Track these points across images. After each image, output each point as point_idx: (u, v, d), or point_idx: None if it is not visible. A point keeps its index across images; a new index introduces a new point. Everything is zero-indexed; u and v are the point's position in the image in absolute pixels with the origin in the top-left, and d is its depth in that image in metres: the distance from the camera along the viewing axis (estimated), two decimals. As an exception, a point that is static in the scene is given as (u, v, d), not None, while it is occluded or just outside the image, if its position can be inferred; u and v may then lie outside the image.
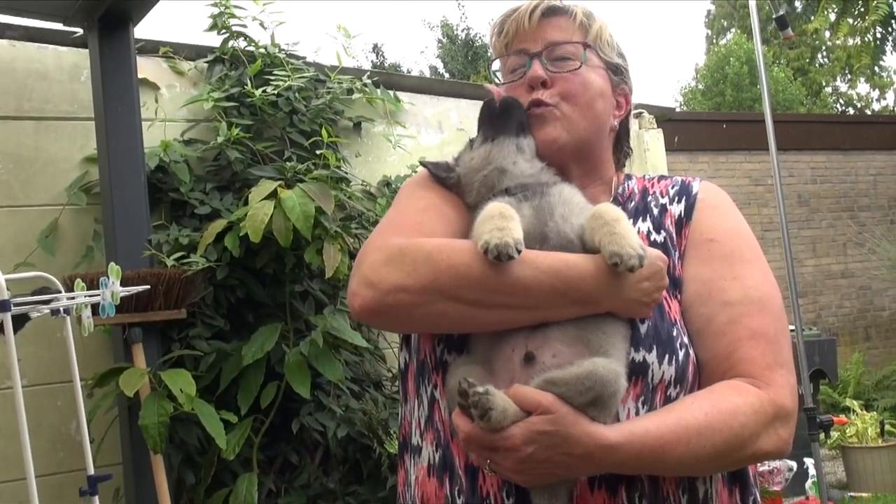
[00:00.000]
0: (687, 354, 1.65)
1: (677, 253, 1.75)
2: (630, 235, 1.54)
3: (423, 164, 1.86)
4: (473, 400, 1.43)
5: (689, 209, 1.81)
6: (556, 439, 1.44)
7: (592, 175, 1.84)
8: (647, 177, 1.93)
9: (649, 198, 1.84)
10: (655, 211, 1.81)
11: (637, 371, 1.58)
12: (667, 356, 1.62)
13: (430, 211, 1.74)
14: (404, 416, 1.83)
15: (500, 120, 1.76)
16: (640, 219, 1.80)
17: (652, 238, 1.76)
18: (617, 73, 1.86)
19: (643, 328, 1.63)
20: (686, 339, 1.67)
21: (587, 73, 1.80)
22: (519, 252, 1.50)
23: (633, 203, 1.83)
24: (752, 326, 1.67)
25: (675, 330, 1.66)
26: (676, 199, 1.83)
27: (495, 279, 1.52)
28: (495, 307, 1.54)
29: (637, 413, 1.57)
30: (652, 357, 1.61)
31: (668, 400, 1.61)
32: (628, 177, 1.92)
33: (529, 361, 1.53)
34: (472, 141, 1.84)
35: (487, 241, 1.50)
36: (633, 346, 1.60)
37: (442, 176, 1.79)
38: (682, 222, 1.79)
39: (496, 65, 1.93)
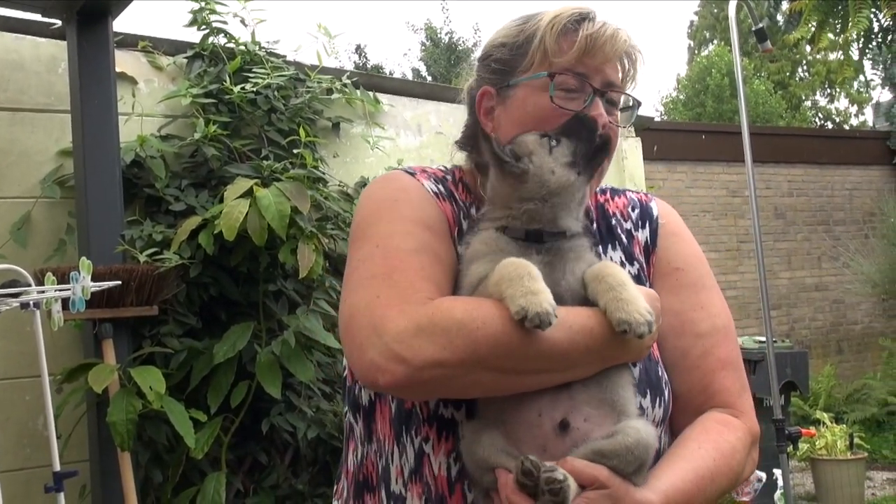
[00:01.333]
0: (669, 392, 1.70)
1: (648, 283, 1.78)
2: (637, 301, 1.50)
3: (490, 144, 1.62)
4: (553, 488, 1.38)
5: (654, 235, 1.83)
6: None
7: None
8: (598, 191, 1.89)
9: (612, 220, 1.84)
10: (624, 238, 1.82)
11: None
12: (657, 399, 1.66)
13: (427, 254, 1.62)
14: (367, 455, 1.76)
15: (595, 158, 1.65)
16: (611, 247, 1.80)
17: (626, 270, 1.72)
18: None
19: (636, 372, 1.64)
20: (666, 376, 1.71)
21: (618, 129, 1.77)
22: (556, 318, 1.43)
23: (594, 224, 1.82)
24: (722, 356, 1.73)
25: (659, 369, 1.70)
26: (640, 223, 1.84)
27: (535, 347, 1.46)
28: (530, 373, 1.50)
29: None
30: (647, 402, 1.64)
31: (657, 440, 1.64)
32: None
33: (565, 429, 1.50)
34: (552, 140, 1.63)
35: (524, 308, 1.41)
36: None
37: (507, 161, 1.60)
38: (649, 250, 1.82)
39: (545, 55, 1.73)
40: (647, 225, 1.84)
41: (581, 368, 1.53)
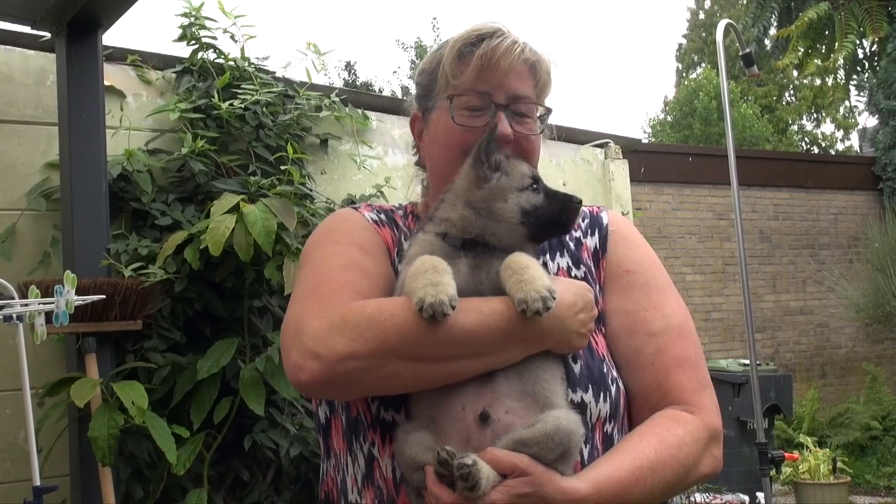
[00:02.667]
0: (618, 389, 1.72)
1: (598, 286, 1.81)
2: (536, 281, 1.54)
3: (487, 140, 1.71)
4: (463, 472, 1.42)
5: (603, 241, 1.87)
6: (535, 500, 1.46)
7: None
8: None
9: None
10: (572, 245, 1.87)
11: (577, 412, 1.61)
12: (602, 394, 1.68)
13: (354, 269, 1.72)
14: (327, 471, 1.81)
15: (548, 228, 1.70)
16: (559, 254, 1.85)
17: (573, 274, 1.81)
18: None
19: (577, 368, 1.67)
20: (615, 374, 1.73)
21: (538, 137, 1.84)
22: (453, 308, 1.49)
23: None
24: (677, 354, 1.76)
25: (605, 366, 1.72)
26: (589, 231, 1.89)
27: (444, 332, 1.51)
28: (446, 360, 1.53)
29: (580, 453, 1.61)
30: (588, 397, 1.66)
31: (605, 436, 1.67)
32: None
33: (485, 421, 1.53)
34: (535, 183, 1.71)
35: (422, 299, 1.49)
36: (569, 388, 1.64)
37: (483, 161, 1.69)
38: (599, 255, 1.86)
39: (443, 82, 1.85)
40: (597, 232, 1.89)
41: (501, 354, 1.56)
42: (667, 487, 1.61)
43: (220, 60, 4.61)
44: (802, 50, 10.78)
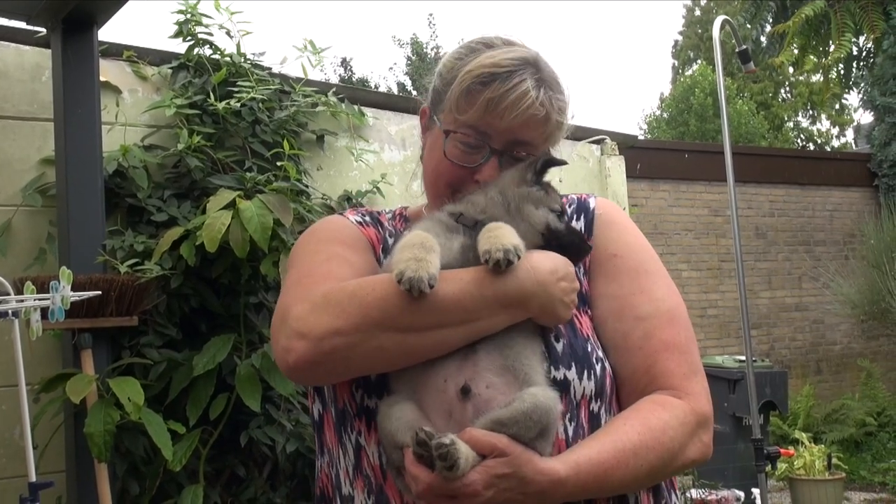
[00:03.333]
0: (604, 368, 1.70)
1: (582, 269, 1.79)
2: (503, 238, 1.56)
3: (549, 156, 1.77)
4: (441, 452, 1.42)
5: (589, 225, 1.85)
6: (514, 481, 1.46)
7: None
8: None
9: None
10: None
11: (559, 389, 1.60)
12: (585, 372, 1.66)
13: (335, 260, 1.73)
14: (321, 468, 1.82)
15: (566, 248, 1.70)
16: None
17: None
18: None
19: (559, 346, 1.66)
20: (601, 354, 1.72)
21: None
22: (431, 287, 1.50)
23: None
24: (665, 339, 1.73)
25: (589, 345, 1.70)
26: (576, 216, 1.87)
27: (425, 300, 1.52)
28: (430, 329, 1.53)
29: (565, 430, 1.61)
30: (572, 374, 1.65)
31: (591, 414, 1.66)
32: None
33: (466, 394, 1.53)
34: (566, 217, 1.76)
35: (402, 272, 1.50)
36: (552, 365, 1.63)
37: (534, 171, 1.72)
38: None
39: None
40: (583, 217, 1.87)
41: (485, 320, 1.56)
42: (651, 471, 1.60)
43: (217, 56, 4.60)
44: (798, 47, 10.78)
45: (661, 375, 1.71)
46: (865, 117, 15.80)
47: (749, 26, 11.65)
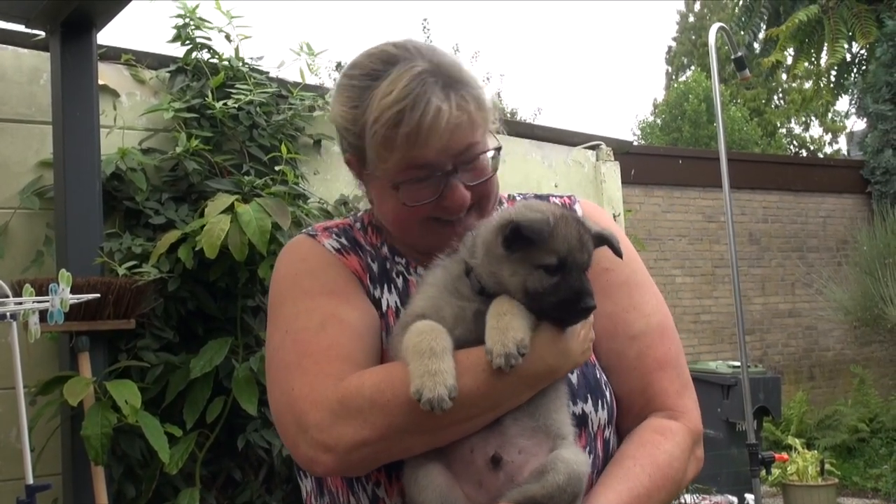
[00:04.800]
0: (611, 392, 1.71)
1: None
2: (508, 331, 1.47)
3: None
4: None
5: None
6: None
7: None
8: (519, 196, 1.91)
9: None
10: None
11: (579, 424, 1.61)
12: (599, 402, 1.68)
13: (331, 326, 1.62)
14: (306, 499, 1.79)
15: (560, 313, 1.56)
16: None
17: None
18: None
19: (574, 378, 1.65)
20: (605, 377, 1.72)
21: (495, 175, 1.72)
22: (453, 400, 1.42)
23: None
24: (658, 356, 1.74)
25: (597, 372, 1.71)
26: None
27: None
28: (461, 422, 1.49)
29: None
30: (589, 407, 1.66)
31: (605, 442, 1.67)
32: (504, 200, 1.88)
33: (497, 464, 1.50)
34: (554, 275, 1.53)
35: (419, 392, 1.41)
36: (570, 400, 1.62)
37: (507, 236, 1.53)
38: None
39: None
40: None
41: (513, 401, 1.52)
42: None
43: (214, 60, 4.61)
44: (792, 52, 10.83)
45: (657, 396, 1.72)
46: (858, 124, 15.85)
47: (742, 32, 11.69)
